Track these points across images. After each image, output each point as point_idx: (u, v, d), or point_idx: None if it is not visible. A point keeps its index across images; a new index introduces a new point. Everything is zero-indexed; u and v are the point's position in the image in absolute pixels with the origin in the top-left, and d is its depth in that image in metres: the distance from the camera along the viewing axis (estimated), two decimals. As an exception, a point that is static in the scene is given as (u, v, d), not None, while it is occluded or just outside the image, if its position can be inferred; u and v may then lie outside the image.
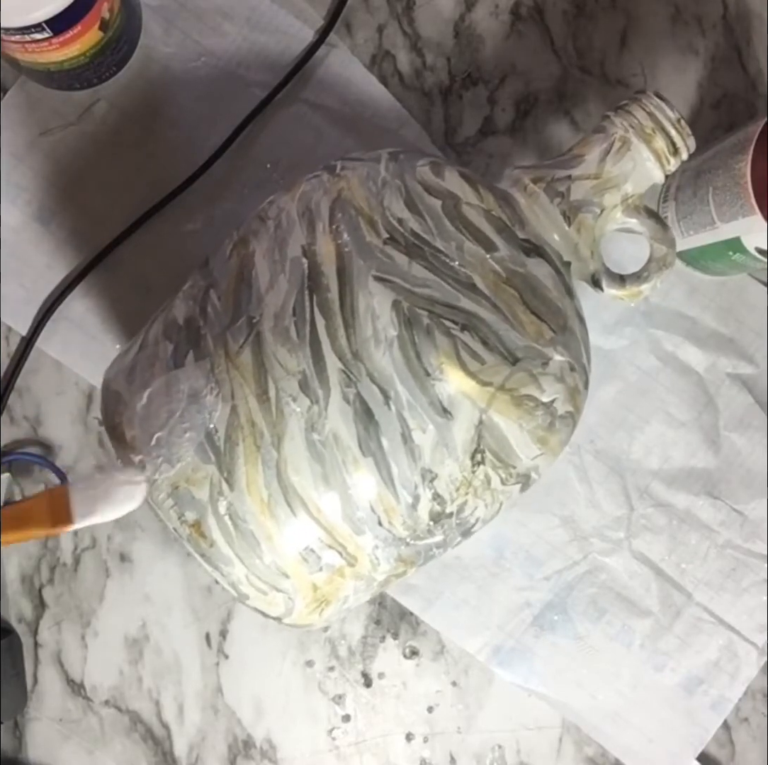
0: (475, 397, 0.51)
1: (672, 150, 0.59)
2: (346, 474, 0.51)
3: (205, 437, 0.52)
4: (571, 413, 0.57)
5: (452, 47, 0.76)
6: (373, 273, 0.51)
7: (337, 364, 0.51)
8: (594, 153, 0.60)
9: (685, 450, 0.75)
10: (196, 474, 0.52)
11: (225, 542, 0.52)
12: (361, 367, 0.50)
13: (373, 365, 0.50)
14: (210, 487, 0.52)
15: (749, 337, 0.75)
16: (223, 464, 0.51)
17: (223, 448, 0.51)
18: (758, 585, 0.75)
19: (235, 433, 0.51)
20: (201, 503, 0.52)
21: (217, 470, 0.51)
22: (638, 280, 0.61)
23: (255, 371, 0.51)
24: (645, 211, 0.61)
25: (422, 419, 0.51)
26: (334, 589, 0.55)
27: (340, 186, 0.55)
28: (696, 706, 0.75)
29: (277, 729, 0.74)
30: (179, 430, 0.52)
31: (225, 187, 0.74)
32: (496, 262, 0.53)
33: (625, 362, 0.75)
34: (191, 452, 0.52)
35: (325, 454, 0.51)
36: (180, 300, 0.58)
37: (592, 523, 0.75)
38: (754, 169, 0.63)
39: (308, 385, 0.51)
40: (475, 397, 0.51)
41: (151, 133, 0.75)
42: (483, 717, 0.75)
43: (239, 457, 0.51)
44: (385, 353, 0.50)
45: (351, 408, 0.50)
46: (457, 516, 0.55)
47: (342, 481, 0.51)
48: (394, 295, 0.51)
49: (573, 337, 0.56)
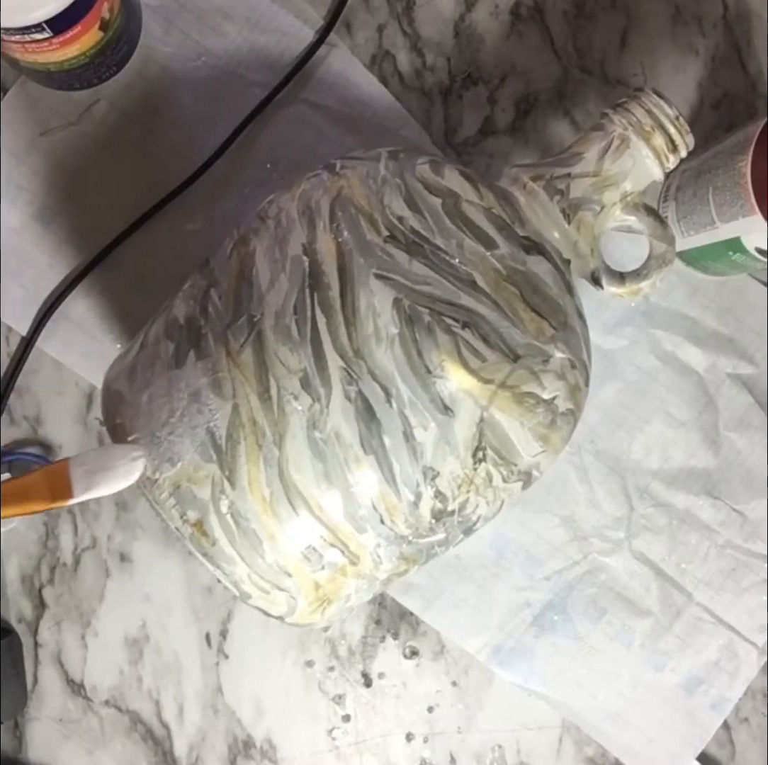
0: (477, 395, 0.51)
1: (671, 147, 0.59)
2: (347, 472, 0.51)
3: (206, 436, 0.52)
4: (572, 410, 0.57)
5: (452, 47, 0.76)
6: (373, 271, 0.51)
7: (338, 362, 0.51)
8: (593, 151, 0.60)
9: (685, 450, 0.75)
10: (198, 473, 0.52)
11: (227, 541, 0.52)
12: (363, 364, 0.50)
13: (375, 363, 0.50)
14: (212, 486, 0.52)
15: (749, 337, 0.75)
16: (224, 463, 0.51)
17: (224, 446, 0.51)
18: (758, 585, 0.75)
19: (236, 431, 0.51)
20: (203, 502, 0.52)
21: (218, 469, 0.51)
22: (638, 278, 0.61)
23: (256, 370, 0.51)
24: (644, 209, 0.61)
25: (424, 417, 0.51)
26: (337, 588, 0.55)
27: (340, 184, 0.55)
28: (696, 706, 0.75)
29: (277, 729, 0.74)
30: (180, 429, 0.52)
31: (225, 187, 0.74)
32: (497, 259, 0.53)
33: (625, 362, 0.75)
34: (193, 451, 0.52)
35: (327, 453, 0.51)
36: (180, 299, 0.58)
37: (592, 523, 0.75)
38: (754, 169, 0.63)
39: (310, 383, 0.51)
40: (476, 395, 0.51)
41: (151, 133, 0.75)
42: (483, 717, 0.75)
43: (241, 455, 0.51)
44: (386, 351, 0.50)
45: (352, 406, 0.50)
46: (459, 514, 0.55)
47: (344, 479, 0.51)
48: (394, 293, 0.51)
49: (573, 334, 0.56)
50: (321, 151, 0.75)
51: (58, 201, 0.74)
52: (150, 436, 0.53)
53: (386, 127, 0.75)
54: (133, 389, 0.55)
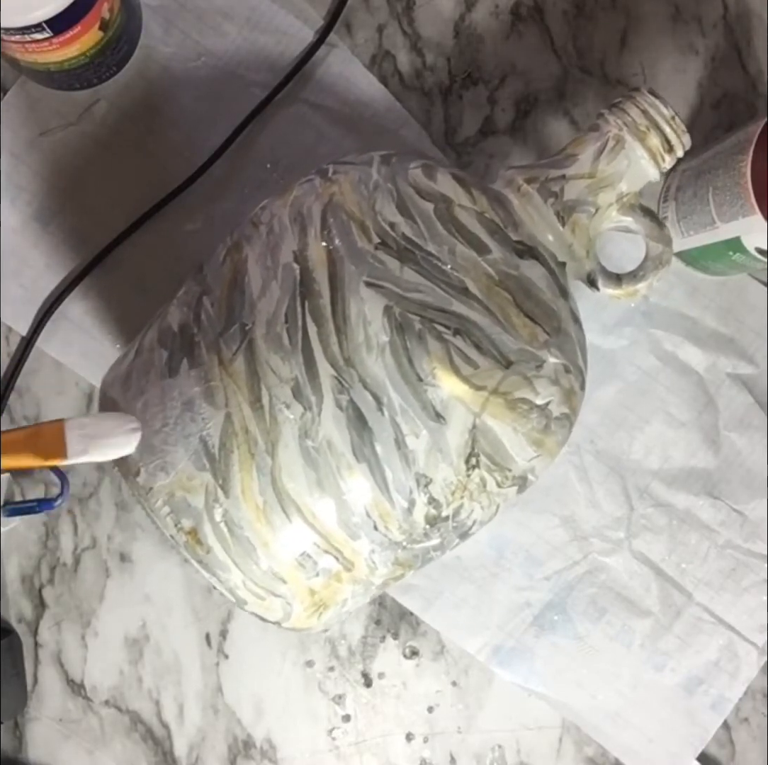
0: (469, 402, 0.51)
1: (667, 147, 0.59)
2: (340, 480, 0.51)
3: (199, 445, 0.52)
4: (567, 415, 0.57)
5: (452, 47, 0.76)
6: (364, 278, 0.51)
7: (329, 370, 0.51)
8: (588, 152, 0.60)
9: (685, 450, 0.75)
10: (192, 481, 0.52)
11: (221, 549, 0.52)
12: (354, 373, 0.50)
13: (366, 371, 0.50)
14: (205, 495, 0.52)
15: (749, 337, 0.75)
16: (218, 471, 0.51)
17: (217, 455, 0.51)
18: (758, 585, 0.75)
19: (229, 440, 0.51)
20: (197, 510, 0.52)
21: (212, 477, 0.52)
22: (634, 279, 0.60)
23: (248, 378, 0.51)
24: (640, 210, 0.61)
25: (415, 424, 0.51)
26: (332, 594, 0.55)
27: (332, 190, 0.55)
28: (696, 706, 0.75)
29: (277, 729, 0.74)
30: (174, 437, 0.52)
31: (225, 187, 0.74)
32: (489, 264, 0.53)
33: (625, 362, 0.75)
34: (186, 460, 0.52)
35: (319, 461, 0.51)
36: (174, 306, 0.58)
37: (592, 523, 0.75)
38: (754, 169, 0.62)
39: (301, 392, 0.51)
40: (468, 402, 0.51)
41: (151, 133, 0.75)
42: (483, 717, 0.75)
43: (234, 464, 0.51)
44: (377, 359, 0.50)
45: (344, 414, 0.51)
46: (454, 519, 0.55)
47: (336, 486, 0.51)
48: (385, 301, 0.51)
49: (568, 338, 0.56)
50: (321, 151, 0.75)
51: (58, 201, 0.74)
52: (144, 445, 0.53)
53: (386, 127, 0.75)
54: (128, 397, 0.55)
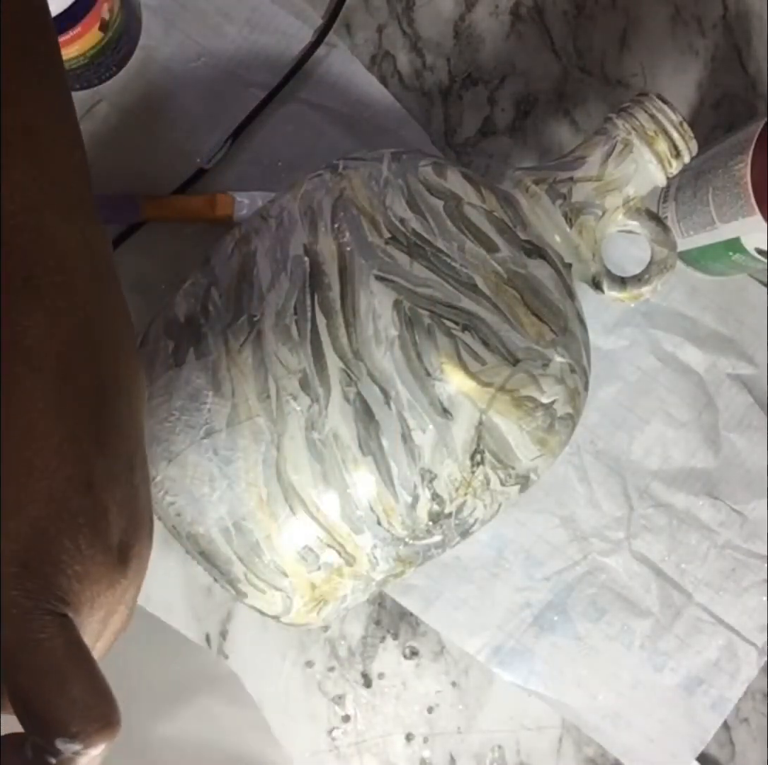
0: (476, 398, 0.51)
1: (674, 152, 0.59)
2: (345, 473, 0.51)
3: (204, 435, 0.52)
4: (571, 415, 0.57)
5: (452, 47, 0.76)
6: (374, 272, 0.52)
7: (337, 363, 0.51)
8: (596, 155, 0.60)
9: (685, 450, 0.75)
10: (196, 471, 0.52)
11: (224, 540, 0.52)
12: (362, 366, 0.51)
13: (374, 365, 0.51)
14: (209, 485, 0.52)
15: (749, 337, 0.75)
16: (222, 462, 0.51)
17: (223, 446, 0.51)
18: (758, 585, 0.75)
19: (235, 431, 0.51)
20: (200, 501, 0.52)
21: (216, 468, 0.52)
22: (639, 283, 0.61)
23: (255, 369, 0.51)
24: (646, 214, 0.61)
25: (422, 419, 0.51)
26: (333, 589, 0.55)
27: (343, 185, 0.55)
28: (696, 706, 0.75)
29: (277, 729, 0.74)
30: (179, 427, 0.52)
31: (225, 187, 0.74)
32: (498, 262, 0.53)
33: (625, 362, 0.75)
34: (190, 450, 0.52)
35: (325, 453, 0.51)
36: (181, 297, 0.58)
37: (592, 523, 0.75)
38: (753, 169, 0.63)
39: (309, 384, 0.51)
40: (475, 398, 0.51)
41: (151, 133, 0.75)
42: (483, 717, 0.75)
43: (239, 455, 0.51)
44: (385, 353, 0.50)
45: (351, 407, 0.51)
46: (456, 516, 0.55)
47: (341, 480, 0.51)
48: (395, 295, 0.51)
49: (573, 338, 0.56)
50: (321, 151, 0.74)
51: (58, 201, 0.74)
52: (149, 435, 0.53)
53: (386, 127, 0.75)
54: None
